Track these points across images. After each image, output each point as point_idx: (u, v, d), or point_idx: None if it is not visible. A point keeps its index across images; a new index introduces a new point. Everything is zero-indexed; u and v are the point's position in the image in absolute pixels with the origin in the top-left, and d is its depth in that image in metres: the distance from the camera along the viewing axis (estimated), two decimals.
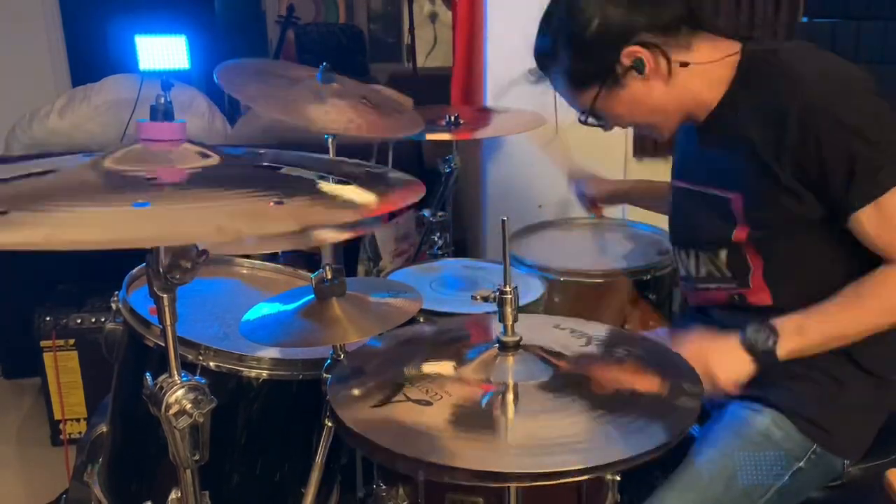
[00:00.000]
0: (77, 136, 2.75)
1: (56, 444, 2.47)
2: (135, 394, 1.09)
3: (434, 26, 6.19)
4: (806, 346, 1.20)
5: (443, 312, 1.59)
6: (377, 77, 5.37)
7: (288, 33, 5.92)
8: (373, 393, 1.08)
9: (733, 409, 1.31)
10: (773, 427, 1.26)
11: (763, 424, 1.27)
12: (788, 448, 1.26)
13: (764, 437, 1.26)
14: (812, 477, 1.27)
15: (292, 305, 1.29)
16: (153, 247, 0.87)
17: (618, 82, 1.27)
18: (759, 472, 1.23)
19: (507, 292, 1.10)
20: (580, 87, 1.32)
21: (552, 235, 2.16)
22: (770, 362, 1.20)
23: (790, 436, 1.26)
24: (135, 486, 1.42)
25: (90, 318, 2.41)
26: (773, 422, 1.27)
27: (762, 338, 1.20)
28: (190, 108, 2.80)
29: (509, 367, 1.11)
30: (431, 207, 2.19)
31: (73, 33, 4.26)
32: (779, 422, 1.27)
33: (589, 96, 1.31)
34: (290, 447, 1.43)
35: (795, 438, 1.26)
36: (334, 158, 1.57)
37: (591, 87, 1.30)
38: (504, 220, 1.10)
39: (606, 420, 1.00)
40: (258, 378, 1.34)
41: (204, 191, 0.87)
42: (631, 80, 1.27)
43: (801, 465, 1.25)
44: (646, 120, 1.35)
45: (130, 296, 1.46)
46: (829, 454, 1.27)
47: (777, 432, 1.26)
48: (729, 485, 1.22)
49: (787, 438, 1.26)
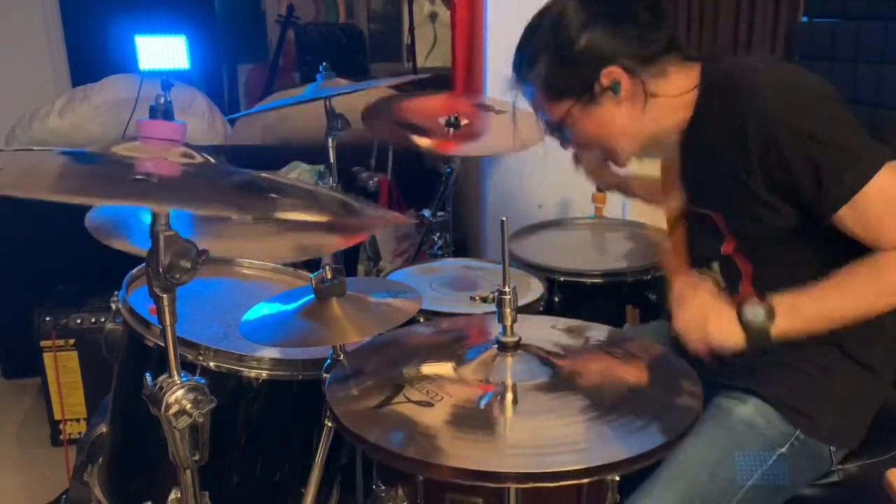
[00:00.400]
0: (77, 136, 2.75)
1: (56, 444, 2.47)
2: (135, 394, 1.09)
3: (434, 26, 6.18)
4: (799, 326, 1.21)
5: (443, 312, 1.59)
6: (377, 77, 5.37)
7: (288, 33, 5.91)
8: (372, 393, 1.08)
9: (717, 400, 1.32)
10: (756, 416, 1.28)
11: (746, 413, 1.28)
12: (771, 435, 1.27)
13: (747, 427, 1.27)
14: (798, 465, 1.28)
15: (292, 305, 1.29)
16: None
17: (592, 100, 1.30)
18: (743, 460, 1.25)
19: (506, 292, 1.10)
20: (554, 99, 1.33)
21: (552, 235, 2.16)
22: (762, 341, 1.20)
23: (772, 423, 1.27)
24: (135, 486, 1.42)
25: (90, 318, 2.41)
26: (755, 410, 1.28)
27: (759, 315, 1.20)
28: (190, 108, 2.80)
29: (508, 368, 1.11)
30: (431, 207, 2.19)
31: (73, 33, 4.26)
32: (762, 410, 1.28)
33: (562, 109, 1.33)
34: (290, 447, 1.43)
35: (778, 426, 1.27)
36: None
37: (565, 101, 1.32)
38: (504, 220, 1.11)
39: (606, 420, 1.00)
40: (258, 378, 1.34)
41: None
42: (605, 100, 1.29)
43: (783, 451, 1.26)
44: (609, 142, 1.37)
45: (130, 296, 1.46)
46: (814, 441, 1.28)
47: (760, 420, 1.27)
48: (714, 473, 1.23)
49: (770, 426, 1.27)
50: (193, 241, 0.92)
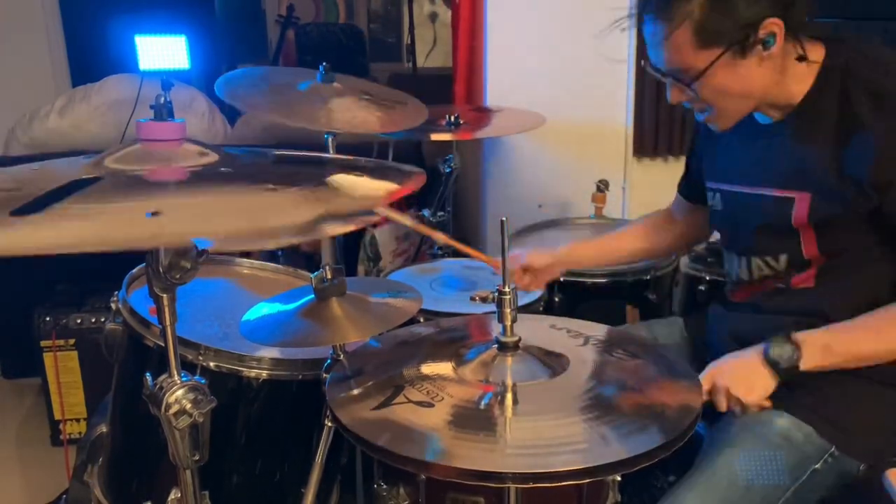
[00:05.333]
0: (77, 136, 2.74)
1: (56, 444, 2.47)
2: (135, 394, 1.09)
3: (434, 26, 6.18)
4: (829, 364, 1.22)
5: (443, 312, 1.59)
6: (377, 77, 5.37)
7: (288, 33, 5.92)
8: (373, 393, 1.08)
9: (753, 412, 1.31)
10: (793, 429, 1.26)
11: (783, 426, 1.27)
12: (808, 450, 1.26)
13: (784, 439, 1.26)
14: (827, 479, 1.27)
15: (292, 305, 1.29)
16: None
17: (742, 52, 1.20)
18: (778, 473, 1.23)
19: (506, 293, 1.10)
20: (702, 45, 1.20)
21: (552, 235, 2.16)
22: (792, 375, 1.22)
23: (810, 438, 1.26)
24: (135, 486, 1.42)
25: (90, 318, 2.40)
26: (793, 423, 1.27)
27: (786, 354, 1.21)
28: (190, 108, 2.79)
29: (508, 368, 1.11)
30: (431, 207, 2.19)
31: (73, 33, 4.25)
32: (799, 423, 1.27)
33: (707, 57, 1.20)
34: (290, 447, 1.43)
35: (815, 441, 1.26)
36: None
37: (714, 48, 1.19)
38: (504, 220, 1.10)
39: (606, 420, 1.00)
40: (258, 378, 1.34)
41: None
42: (753, 54, 1.21)
43: (816, 467, 1.25)
44: (740, 101, 1.28)
45: (130, 296, 1.46)
46: (846, 457, 1.27)
47: (797, 434, 1.26)
48: (749, 486, 1.21)
49: (807, 441, 1.26)
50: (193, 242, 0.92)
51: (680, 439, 0.96)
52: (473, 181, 2.79)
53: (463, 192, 2.87)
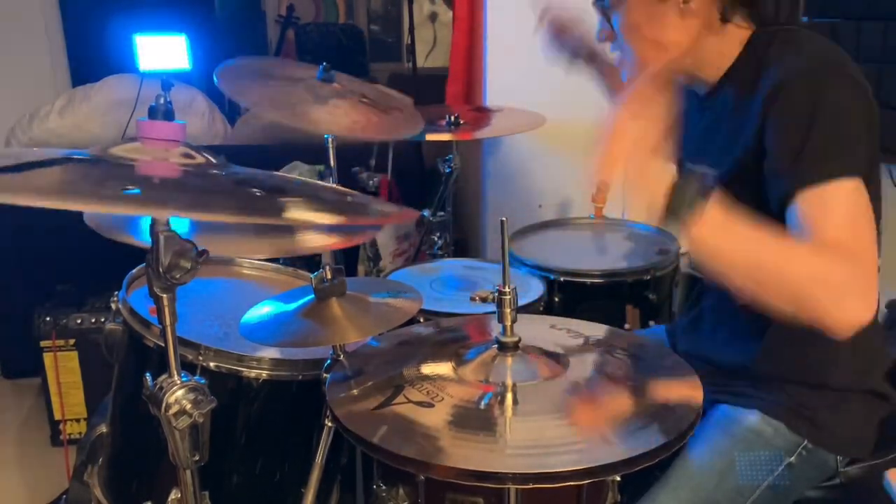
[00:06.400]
0: (77, 136, 2.75)
1: (56, 444, 2.47)
2: (135, 394, 1.09)
3: (434, 26, 6.18)
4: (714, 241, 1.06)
5: (443, 312, 1.59)
6: (377, 77, 5.37)
7: (288, 33, 5.92)
8: (373, 393, 1.08)
9: (723, 408, 1.32)
10: (763, 424, 1.27)
11: (753, 422, 1.28)
12: (779, 444, 1.26)
13: (755, 435, 1.27)
14: (804, 473, 1.27)
15: (292, 305, 1.29)
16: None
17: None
18: (750, 469, 1.24)
19: (505, 293, 1.10)
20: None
21: (552, 235, 2.16)
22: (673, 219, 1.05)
23: (780, 432, 1.27)
24: (135, 486, 1.42)
25: (90, 318, 2.41)
26: (763, 419, 1.28)
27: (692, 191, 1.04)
28: (190, 108, 2.80)
29: (508, 368, 1.11)
30: (431, 207, 2.19)
31: (73, 33, 4.25)
32: (769, 419, 1.28)
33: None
34: (290, 447, 1.43)
35: (785, 435, 1.27)
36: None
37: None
38: (504, 221, 1.10)
39: (605, 420, 1.00)
40: (258, 378, 1.34)
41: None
42: (671, 4, 1.22)
43: (791, 461, 1.26)
44: (646, 49, 1.27)
45: (130, 296, 1.46)
46: (821, 450, 1.27)
47: (767, 429, 1.27)
48: (721, 482, 1.23)
49: (777, 435, 1.27)
50: (193, 241, 0.92)
51: (680, 439, 0.96)
52: (473, 181, 2.79)
53: (463, 192, 2.87)
